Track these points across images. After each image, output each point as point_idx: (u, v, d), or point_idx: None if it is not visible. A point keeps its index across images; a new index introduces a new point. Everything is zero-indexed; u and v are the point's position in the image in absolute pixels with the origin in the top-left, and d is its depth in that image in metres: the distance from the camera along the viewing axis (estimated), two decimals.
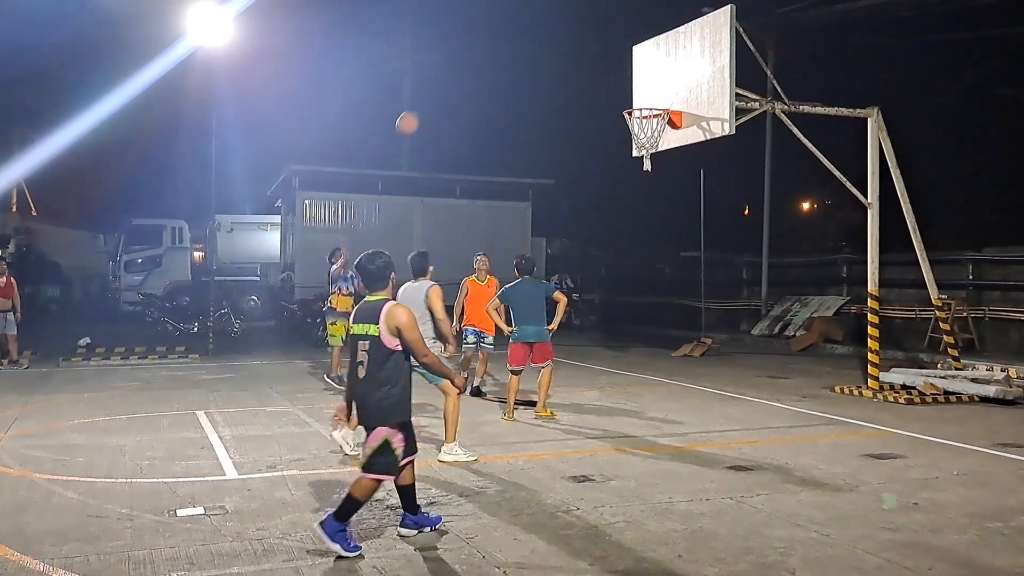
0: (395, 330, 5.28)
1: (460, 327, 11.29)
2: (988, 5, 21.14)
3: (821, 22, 22.76)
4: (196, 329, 19.62)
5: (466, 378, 11.54)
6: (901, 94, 23.54)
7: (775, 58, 20.03)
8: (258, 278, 29.08)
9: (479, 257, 11.74)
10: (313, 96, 36.62)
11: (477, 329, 11.34)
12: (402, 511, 5.66)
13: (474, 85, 34.99)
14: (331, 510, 5.37)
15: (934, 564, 5.06)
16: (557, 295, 10.13)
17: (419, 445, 5.76)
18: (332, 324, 12.60)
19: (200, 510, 6.05)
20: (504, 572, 4.93)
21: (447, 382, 6.89)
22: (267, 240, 29.34)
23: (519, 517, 5.95)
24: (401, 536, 5.52)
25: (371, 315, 5.36)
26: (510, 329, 9.97)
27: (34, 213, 34.06)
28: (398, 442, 5.30)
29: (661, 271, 27.98)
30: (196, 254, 30.04)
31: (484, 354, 11.60)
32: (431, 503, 6.25)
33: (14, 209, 32.88)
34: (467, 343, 11.46)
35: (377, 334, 5.29)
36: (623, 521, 5.87)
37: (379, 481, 5.30)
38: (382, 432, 5.27)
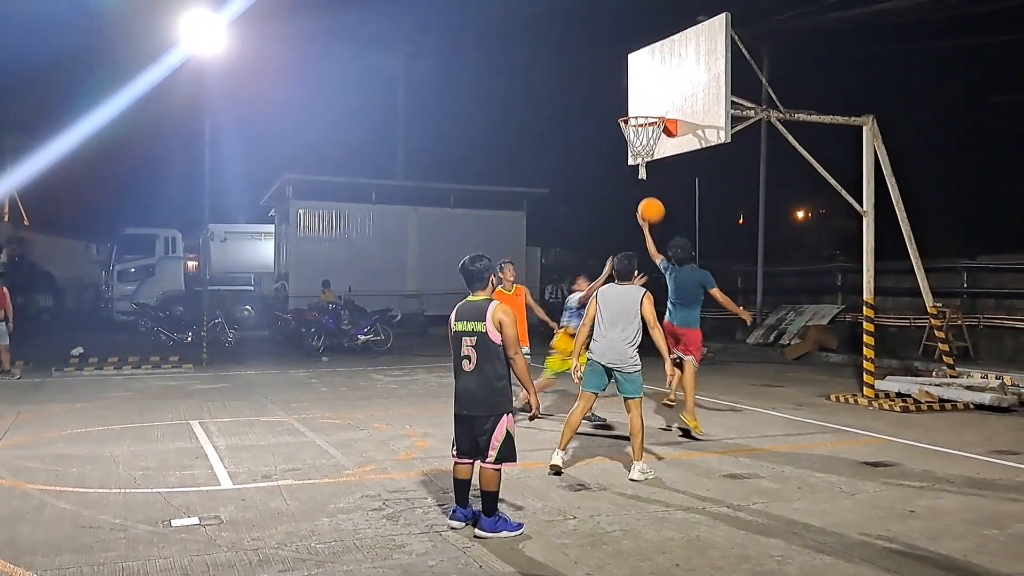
0: (499, 326, 5.71)
1: None
2: (982, 13, 21.26)
3: (816, 30, 22.88)
4: (190, 339, 19.55)
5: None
6: (896, 102, 23.63)
7: (770, 66, 20.11)
8: (252, 287, 29.06)
9: (507, 264, 10.48)
10: (307, 105, 36.66)
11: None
12: (456, 506, 5.92)
13: (469, 94, 35.08)
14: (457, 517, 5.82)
15: (930, 571, 5.04)
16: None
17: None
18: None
19: (195, 520, 6.00)
20: None
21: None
22: (261, 249, 29.33)
23: None
24: (453, 528, 5.79)
25: (477, 314, 5.79)
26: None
27: (27, 222, 34.00)
28: (514, 429, 5.79)
29: (656, 280, 27.95)
30: (190, 263, 30.01)
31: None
32: (416, 509, 6.21)
33: (7, 218, 32.83)
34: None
35: (484, 331, 5.73)
36: (620, 530, 5.84)
37: (502, 469, 5.77)
38: (505, 423, 5.72)
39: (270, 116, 36.63)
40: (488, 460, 5.73)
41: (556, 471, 7.41)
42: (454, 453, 5.91)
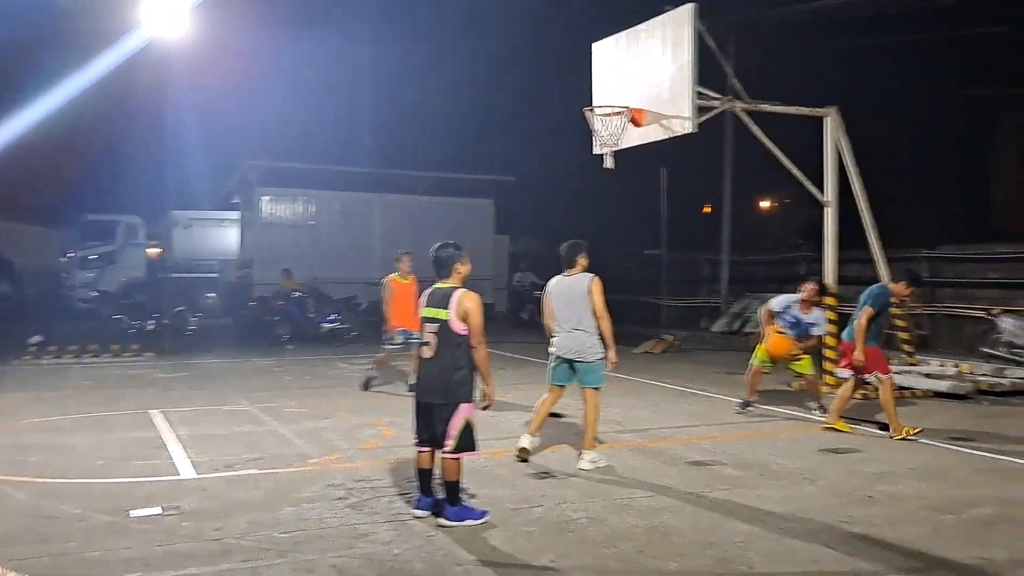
0: (463, 315, 5.68)
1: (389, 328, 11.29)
2: (944, 8, 21.52)
3: (781, 22, 23.03)
4: (152, 327, 19.30)
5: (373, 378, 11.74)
6: (859, 94, 23.86)
7: (735, 57, 20.17)
8: (216, 275, 28.72)
9: (404, 256, 11.68)
10: (273, 91, 36.24)
11: (407, 330, 10.93)
12: (419, 495, 5.89)
13: (436, 81, 34.88)
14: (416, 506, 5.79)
15: (889, 556, 5.12)
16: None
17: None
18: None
19: (156, 510, 5.94)
20: (465, 570, 4.90)
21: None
22: (225, 236, 28.98)
23: None
24: (417, 517, 5.76)
25: (442, 300, 5.78)
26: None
27: None
28: (474, 418, 5.73)
29: (623, 268, 28.10)
30: (152, 251, 29.59)
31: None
32: (380, 498, 6.19)
33: None
34: (393, 343, 11.42)
35: (447, 318, 5.70)
36: (585, 517, 5.87)
37: (461, 459, 5.71)
38: (463, 411, 5.66)
39: (234, 102, 36.17)
40: (446, 449, 5.70)
41: (524, 455, 7.44)
42: (415, 441, 5.90)
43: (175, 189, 22.35)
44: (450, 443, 5.68)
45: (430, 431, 5.78)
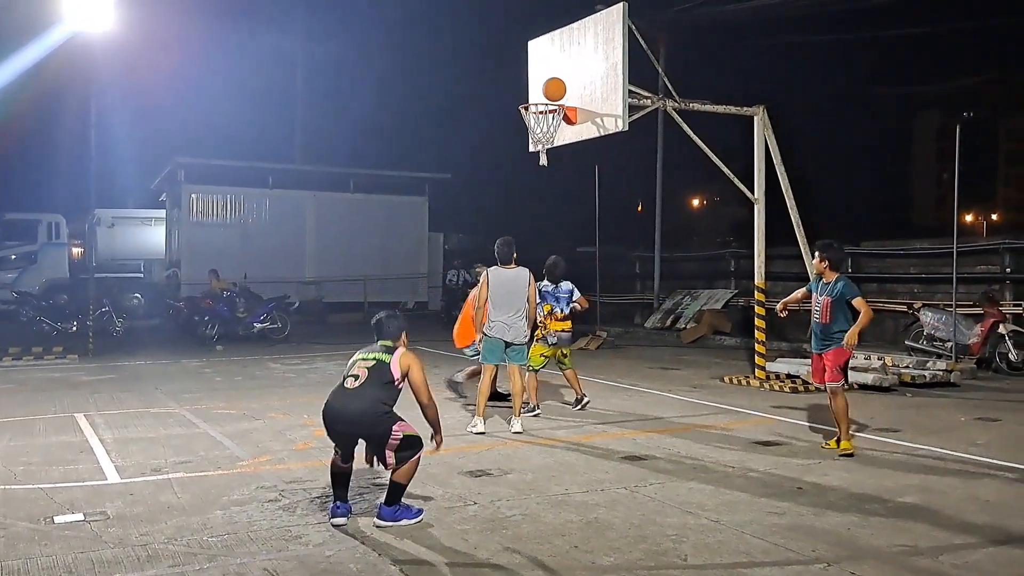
0: (405, 369, 5.66)
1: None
2: (864, 9, 22.10)
3: (711, 22, 23.37)
4: (75, 329, 18.74)
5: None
6: (786, 93, 24.40)
7: (666, 56, 20.44)
8: (142, 275, 28.07)
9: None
10: (201, 86, 35.54)
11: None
12: (336, 503, 5.72)
13: (369, 77, 34.61)
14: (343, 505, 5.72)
15: (817, 546, 5.24)
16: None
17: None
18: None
19: (79, 516, 5.77)
20: (401, 570, 4.87)
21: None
22: (151, 235, 28.34)
23: None
24: (337, 526, 5.60)
25: (383, 350, 5.76)
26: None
27: None
28: (409, 428, 5.60)
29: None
30: (74, 250, 28.75)
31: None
32: (314, 499, 6.11)
33: None
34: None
35: (387, 362, 5.66)
36: (520, 514, 5.88)
37: (418, 461, 5.65)
38: (397, 432, 5.52)
39: (161, 97, 35.40)
40: (390, 468, 5.58)
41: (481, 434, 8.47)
42: (336, 457, 5.73)
43: (99, 187, 21.66)
44: (392, 462, 5.55)
45: (353, 447, 5.67)
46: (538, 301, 9.41)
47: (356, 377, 5.62)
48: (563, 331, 9.94)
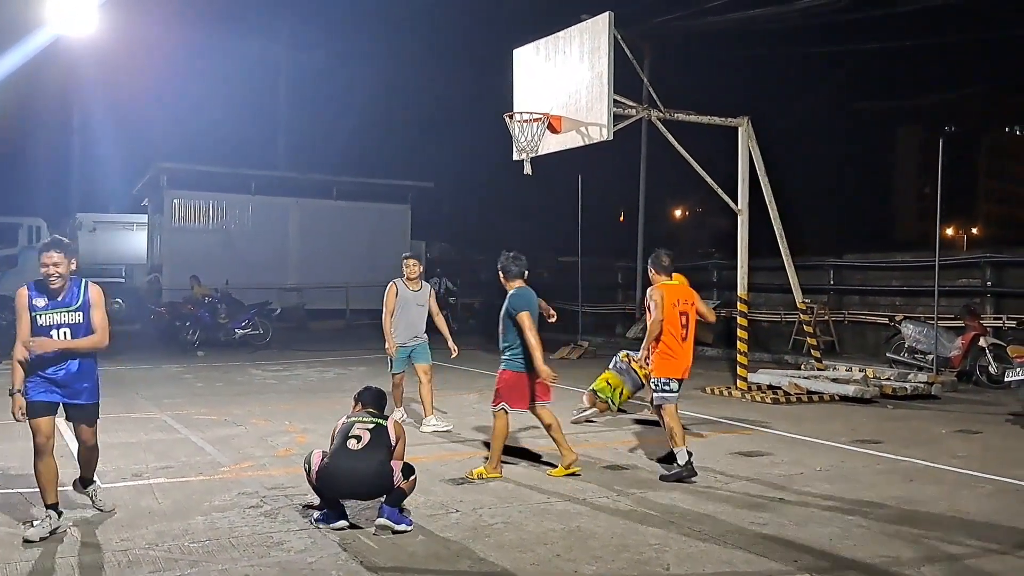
0: (398, 437, 5.92)
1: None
2: (850, 22, 22.30)
3: (696, 33, 23.52)
4: None
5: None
6: (770, 104, 24.58)
7: (651, 66, 20.53)
8: (123, 280, 27.86)
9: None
10: (184, 91, 35.37)
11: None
12: (329, 510, 5.79)
13: (353, 85, 34.58)
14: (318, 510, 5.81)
15: (799, 556, 5.25)
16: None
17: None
18: None
19: (59, 521, 5.70)
20: None
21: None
22: (133, 240, 28.17)
23: None
24: (338, 529, 5.65)
25: (375, 416, 6.04)
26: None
27: None
28: (400, 463, 5.79)
29: (540, 275, 28.20)
30: None
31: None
32: (295, 506, 6.07)
33: None
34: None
35: (385, 425, 5.91)
36: (502, 522, 5.86)
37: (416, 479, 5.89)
38: (396, 467, 5.70)
39: (145, 102, 35.17)
40: (398, 486, 5.68)
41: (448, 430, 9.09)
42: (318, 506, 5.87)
43: (81, 191, 21.57)
44: (401, 485, 5.70)
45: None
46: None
47: (359, 439, 5.72)
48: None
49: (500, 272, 7.51)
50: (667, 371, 7.42)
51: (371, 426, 5.82)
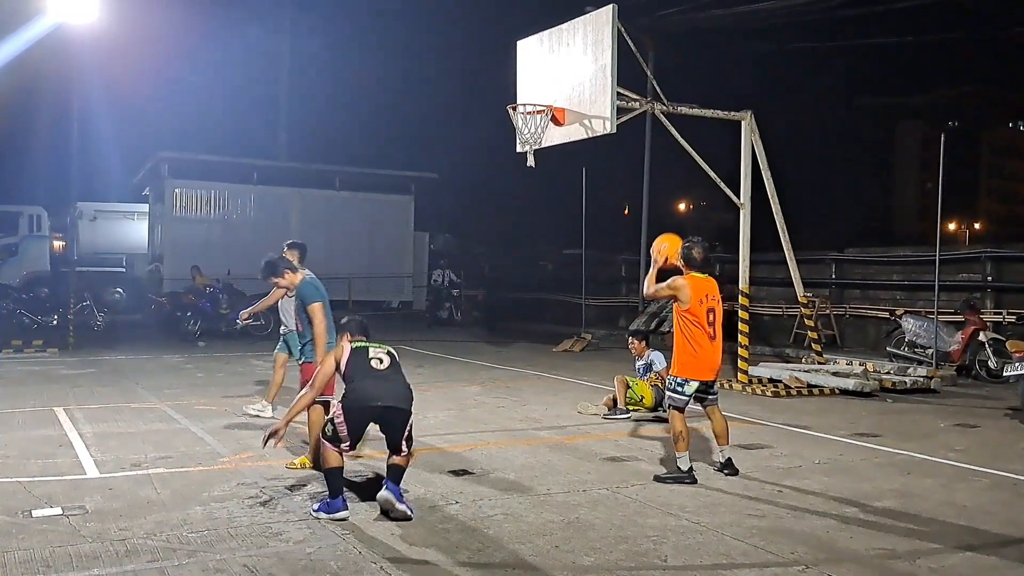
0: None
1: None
2: (848, 18, 22.22)
3: (699, 27, 23.42)
4: (55, 322, 18.61)
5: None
6: (773, 99, 24.54)
7: (655, 59, 20.47)
8: (124, 269, 27.86)
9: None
10: (186, 80, 35.35)
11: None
12: (339, 496, 5.73)
13: (357, 75, 34.51)
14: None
15: (796, 548, 5.26)
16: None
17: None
18: None
19: (57, 510, 5.71)
20: (381, 567, 4.85)
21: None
22: (134, 230, 28.14)
23: None
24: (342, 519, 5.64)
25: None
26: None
27: None
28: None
29: (543, 268, 28.25)
30: (56, 243, 28.53)
31: None
32: (311, 497, 6.09)
33: None
34: None
35: (394, 352, 6.09)
36: (502, 514, 5.87)
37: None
38: (411, 421, 5.85)
39: (146, 91, 35.18)
40: (403, 453, 5.82)
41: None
42: (346, 447, 5.79)
43: (82, 180, 21.54)
44: (406, 447, 5.84)
45: (391, 436, 5.80)
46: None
47: (380, 360, 5.91)
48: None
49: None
50: (686, 370, 6.99)
51: (384, 350, 6.01)
